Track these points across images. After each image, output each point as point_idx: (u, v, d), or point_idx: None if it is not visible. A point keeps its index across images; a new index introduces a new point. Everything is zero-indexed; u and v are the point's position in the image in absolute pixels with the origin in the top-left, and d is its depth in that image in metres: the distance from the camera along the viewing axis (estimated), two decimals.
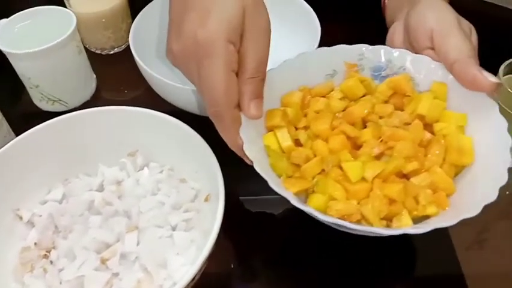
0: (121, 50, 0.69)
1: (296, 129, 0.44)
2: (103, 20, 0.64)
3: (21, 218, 0.47)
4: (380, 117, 0.44)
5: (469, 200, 0.38)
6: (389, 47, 0.47)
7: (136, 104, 0.50)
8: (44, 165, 0.49)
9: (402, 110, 0.44)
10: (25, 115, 0.62)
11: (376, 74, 0.47)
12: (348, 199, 0.39)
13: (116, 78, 0.66)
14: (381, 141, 0.41)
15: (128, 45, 0.68)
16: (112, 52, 0.68)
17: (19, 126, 0.56)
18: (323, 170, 0.41)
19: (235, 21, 0.37)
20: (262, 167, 0.38)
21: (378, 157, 0.41)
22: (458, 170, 0.41)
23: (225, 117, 0.38)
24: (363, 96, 0.46)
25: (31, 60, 0.55)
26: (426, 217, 0.38)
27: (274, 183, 0.37)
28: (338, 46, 0.47)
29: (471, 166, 0.40)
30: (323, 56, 0.47)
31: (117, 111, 0.50)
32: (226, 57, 0.36)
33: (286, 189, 0.38)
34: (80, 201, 0.48)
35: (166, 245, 0.45)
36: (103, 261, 0.43)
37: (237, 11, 0.37)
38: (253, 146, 0.40)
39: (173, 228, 0.46)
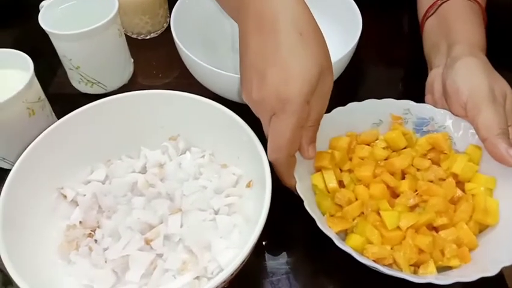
0: (156, 35, 0.69)
1: (341, 171, 0.49)
2: (142, 5, 0.64)
3: (65, 196, 0.47)
4: (418, 170, 0.48)
5: (489, 258, 0.42)
6: (433, 107, 0.51)
7: (172, 89, 0.50)
8: (87, 147, 0.49)
9: (438, 164, 0.48)
10: (63, 96, 0.62)
11: (418, 128, 0.51)
12: (383, 244, 0.43)
13: (152, 63, 0.66)
14: (417, 193, 0.45)
15: (164, 31, 0.69)
16: (148, 37, 0.69)
17: (57, 107, 0.57)
18: (362, 213, 0.45)
19: (313, 81, 0.39)
20: (309, 204, 0.42)
21: (412, 207, 0.45)
22: (482, 228, 0.45)
23: (284, 163, 0.43)
24: (404, 147, 0.50)
25: (74, 41, 0.55)
26: (449, 267, 0.43)
27: (321, 223, 0.41)
28: (386, 99, 0.51)
29: (494, 226, 0.44)
30: (371, 106, 0.51)
31: (159, 94, 0.50)
32: (301, 116, 0.40)
33: (329, 228, 0.42)
34: (123, 182, 0.48)
35: (209, 228, 0.45)
36: (147, 241, 0.44)
37: (316, 72, 0.39)
38: (303, 183, 0.44)
39: (216, 212, 0.47)
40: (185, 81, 0.58)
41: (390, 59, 0.67)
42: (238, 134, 0.47)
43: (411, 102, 0.51)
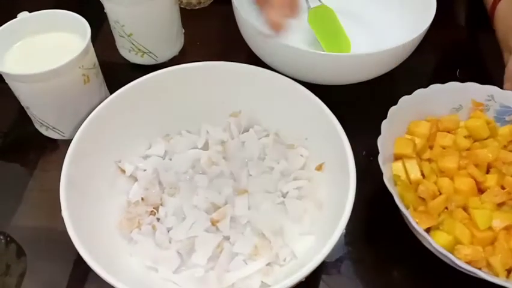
0: (205, 5, 0.65)
1: (420, 159, 0.45)
2: None
3: (123, 171, 0.44)
4: (503, 163, 0.45)
5: None
6: None
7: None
8: (145, 120, 0.46)
9: None
10: (110, 65, 0.57)
11: (500, 116, 0.48)
12: (473, 244, 0.40)
13: (202, 34, 0.62)
14: (506, 190, 0.42)
15: (214, 1, 0.65)
16: (196, 7, 0.65)
17: (105, 76, 0.54)
18: (446, 208, 0.42)
19: None
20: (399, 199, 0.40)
21: (499, 205, 0.42)
22: None
23: None
24: (487, 138, 0.47)
25: (129, 6, 0.51)
26: None
27: (412, 219, 0.39)
28: (469, 83, 0.48)
29: None
30: (453, 90, 0.48)
31: (220, 66, 0.47)
32: None
33: (418, 224, 0.39)
34: (184, 158, 0.45)
35: (279, 212, 0.42)
36: (213, 222, 0.41)
37: None
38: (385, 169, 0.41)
39: (284, 196, 0.44)
40: (236, 53, 0.55)
41: (449, 43, 0.64)
42: (311, 112, 0.44)
43: (496, 88, 0.48)
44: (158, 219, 0.42)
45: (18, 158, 0.52)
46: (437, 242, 0.38)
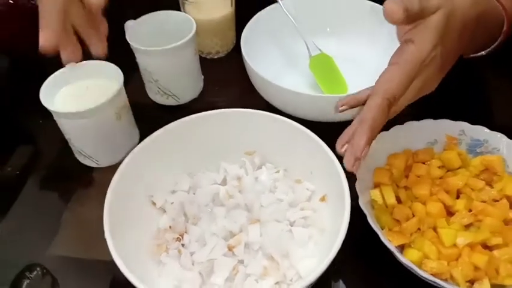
0: (223, 55, 0.74)
1: (397, 186, 0.52)
2: (214, 28, 0.69)
3: (154, 204, 0.52)
4: (472, 189, 0.51)
5: None
6: (488, 129, 0.54)
7: (236, 104, 0.55)
8: (174, 160, 0.53)
9: (490, 185, 0.51)
10: (139, 105, 0.63)
11: (471, 149, 0.55)
12: (439, 259, 0.46)
13: (219, 80, 0.70)
14: (472, 213, 0.48)
15: (230, 51, 0.73)
16: (215, 57, 0.73)
17: (135, 114, 0.61)
18: (419, 229, 0.48)
19: None
20: (372, 220, 0.46)
21: (466, 226, 0.48)
22: None
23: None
24: (459, 167, 0.53)
25: (156, 57, 0.60)
26: (502, 285, 0.45)
27: (383, 236, 0.45)
28: (442, 120, 0.55)
29: None
30: (428, 126, 0.55)
31: (237, 113, 0.54)
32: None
33: (389, 242, 0.45)
34: (206, 192, 0.52)
35: (286, 238, 0.49)
36: (230, 248, 0.48)
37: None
38: (363, 197, 0.48)
39: (291, 224, 0.51)
40: (249, 96, 0.63)
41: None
42: (312, 150, 0.50)
43: (466, 124, 0.54)
44: (183, 245, 0.49)
45: (58, 187, 0.59)
46: (408, 258, 0.44)
